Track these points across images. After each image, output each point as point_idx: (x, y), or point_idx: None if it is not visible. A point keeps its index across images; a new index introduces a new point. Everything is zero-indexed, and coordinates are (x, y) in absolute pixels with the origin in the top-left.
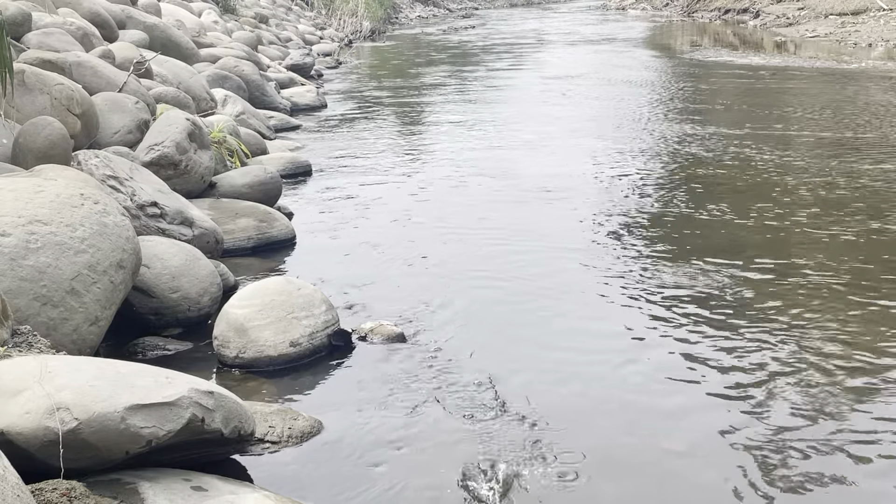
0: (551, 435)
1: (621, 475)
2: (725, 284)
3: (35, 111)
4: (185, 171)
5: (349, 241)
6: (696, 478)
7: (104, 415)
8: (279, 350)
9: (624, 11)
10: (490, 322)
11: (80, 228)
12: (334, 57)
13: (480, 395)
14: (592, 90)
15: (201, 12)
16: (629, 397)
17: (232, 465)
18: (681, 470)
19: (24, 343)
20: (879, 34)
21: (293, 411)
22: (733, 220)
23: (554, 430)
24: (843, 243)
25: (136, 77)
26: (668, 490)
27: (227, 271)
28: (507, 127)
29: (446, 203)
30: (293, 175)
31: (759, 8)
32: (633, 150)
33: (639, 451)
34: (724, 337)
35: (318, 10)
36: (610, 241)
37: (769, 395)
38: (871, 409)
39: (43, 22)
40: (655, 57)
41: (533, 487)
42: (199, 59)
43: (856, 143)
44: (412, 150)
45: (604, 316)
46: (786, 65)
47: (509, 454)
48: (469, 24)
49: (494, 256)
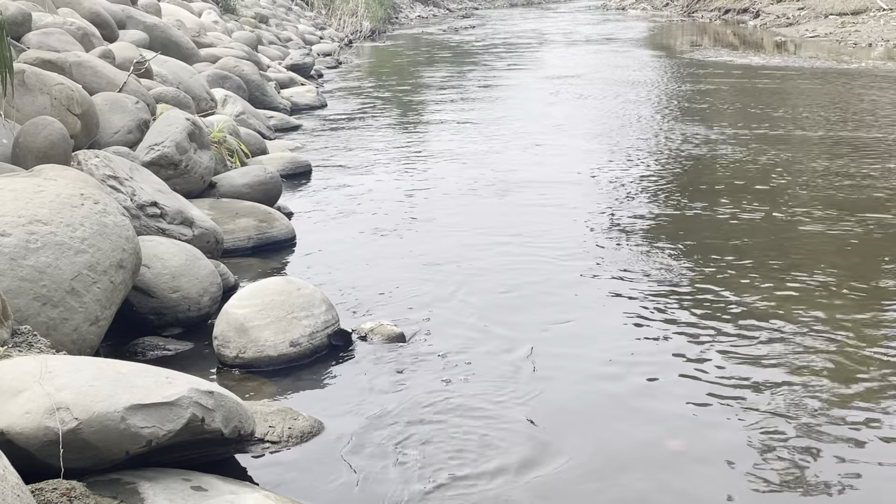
0: (552, 435)
1: (622, 475)
2: (726, 284)
3: (35, 111)
4: (185, 171)
5: (349, 241)
6: (696, 478)
7: (104, 415)
8: (279, 350)
9: (624, 11)
10: (490, 322)
11: (80, 228)
12: (334, 57)
13: (481, 395)
14: (592, 90)
15: (201, 12)
16: (630, 396)
17: (232, 465)
18: (682, 470)
19: (24, 343)
20: (879, 34)
21: (293, 411)
22: (733, 220)
23: (554, 430)
24: (844, 243)
25: (136, 77)
26: (668, 490)
27: (227, 271)
28: (507, 127)
29: (447, 203)
30: (293, 175)
31: (759, 8)
32: (632, 150)
33: (640, 451)
34: (725, 337)
35: (318, 10)
36: (611, 241)
37: (770, 395)
38: (872, 409)
39: (43, 22)
40: (655, 57)
41: (533, 486)
42: (199, 59)
43: (856, 144)
44: (412, 150)
45: (605, 316)
46: (786, 65)
47: (509, 454)
48: (469, 23)
49: (495, 256)
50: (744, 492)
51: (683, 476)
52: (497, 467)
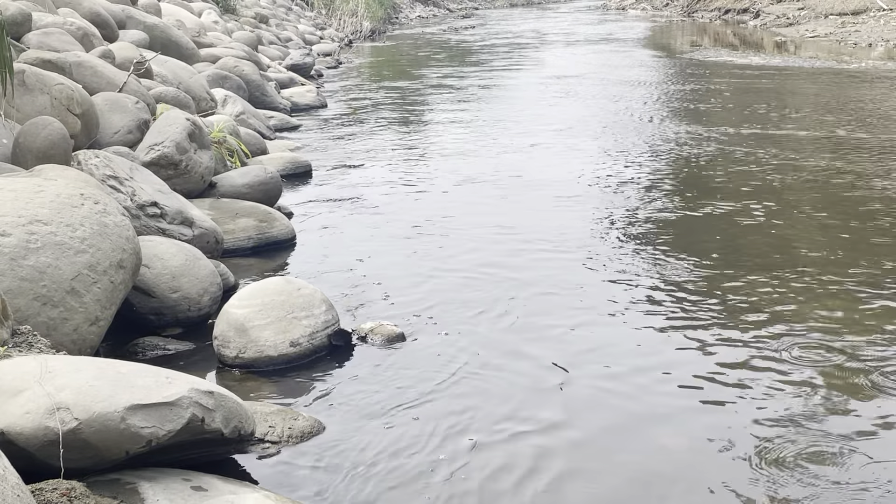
0: (552, 434)
1: (623, 475)
2: (726, 284)
3: (35, 111)
4: (185, 171)
5: (349, 241)
6: (697, 477)
7: (104, 415)
8: (279, 350)
9: (624, 11)
10: (490, 322)
11: (80, 228)
12: (334, 57)
13: (481, 395)
14: (592, 90)
15: (201, 12)
16: (631, 396)
17: (232, 465)
18: (682, 469)
19: (25, 343)
20: (879, 34)
21: (293, 411)
22: (733, 220)
23: (554, 430)
24: (845, 243)
25: (136, 77)
26: (669, 490)
27: (227, 271)
28: (507, 127)
29: (447, 203)
30: (293, 175)
31: (759, 8)
32: (632, 150)
33: (640, 451)
34: (726, 337)
35: (318, 10)
36: (611, 241)
37: (770, 395)
38: (873, 408)
39: (43, 22)
40: (655, 57)
41: (533, 486)
42: (199, 59)
43: (856, 143)
44: (412, 150)
45: (605, 316)
46: (786, 65)
47: (509, 454)
48: (469, 24)
49: (495, 256)
50: (745, 492)
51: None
52: (497, 467)
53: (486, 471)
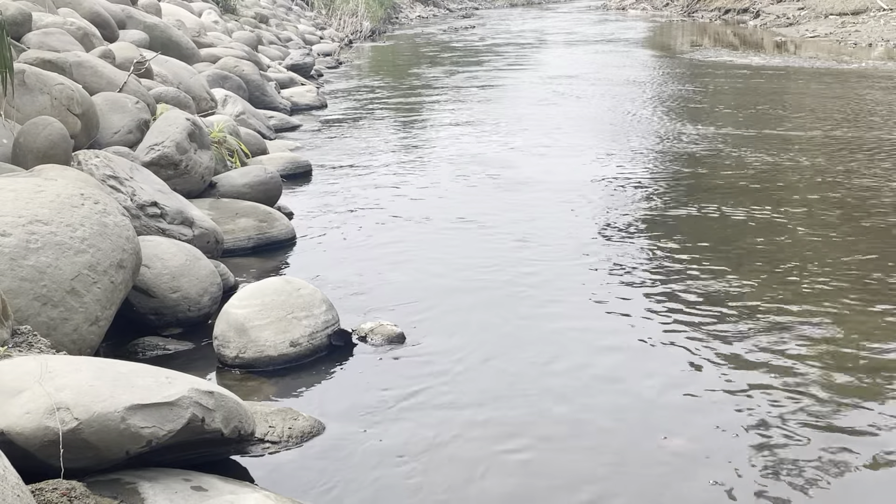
0: (553, 434)
1: (623, 475)
2: (726, 283)
3: (35, 111)
4: (185, 171)
5: (349, 241)
6: (697, 477)
7: (104, 415)
8: (279, 350)
9: (624, 11)
10: (491, 322)
11: (80, 228)
12: (334, 57)
13: (481, 395)
14: (592, 90)
15: (201, 12)
16: (631, 396)
17: (232, 465)
18: (683, 470)
19: (24, 343)
20: (879, 34)
21: (293, 411)
22: (734, 220)
23: (555, 430)
24: (845, 242)
25: (137, 77)
26: (669, 490)
27: (227, 271)
28: (507, 127)
29: (447, 203)
30: (293, 175)
31: (759, 8)
32: (632, 151)
33: (641, 451)
34: (726, 337)
35: (318, 10)
36: (612, 241)
37: (771, 395)
38: (874, 408)
39: (43, 22)
40: (656, 57)
41: (533, 485)
42: (199, 59)
43: (856, 143)
44: (412, 150)
45: (606, 316)
46: (786, 65)
47: (509, 454)
48: (469, 24)
49: (495, 256)
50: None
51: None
52: (497, 467)
53: (487, 471)
